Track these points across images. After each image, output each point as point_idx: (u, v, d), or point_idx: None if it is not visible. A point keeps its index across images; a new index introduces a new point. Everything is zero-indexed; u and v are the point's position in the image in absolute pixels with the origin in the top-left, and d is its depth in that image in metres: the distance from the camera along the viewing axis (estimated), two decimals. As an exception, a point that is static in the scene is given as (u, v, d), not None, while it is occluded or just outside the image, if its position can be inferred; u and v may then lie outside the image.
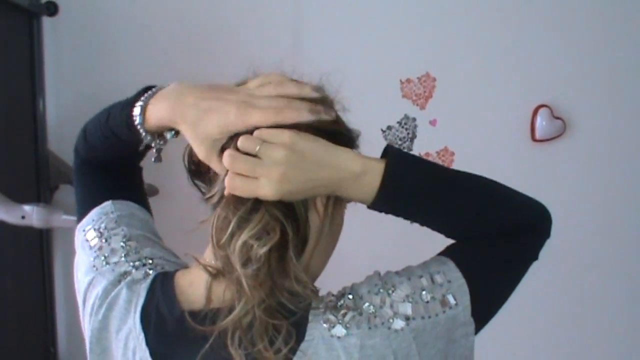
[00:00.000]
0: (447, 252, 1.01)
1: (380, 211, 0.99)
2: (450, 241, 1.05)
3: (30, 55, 2.06)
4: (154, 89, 1.02)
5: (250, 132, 0.91)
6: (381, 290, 0.94)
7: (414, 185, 0.98)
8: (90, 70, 2.16)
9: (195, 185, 1.04)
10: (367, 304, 0.92)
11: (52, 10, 2.09)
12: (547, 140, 2.39)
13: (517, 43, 2.35)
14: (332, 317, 0.91)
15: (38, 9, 2.06)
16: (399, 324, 0.91)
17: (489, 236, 1.00)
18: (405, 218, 1.01)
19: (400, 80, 2.30)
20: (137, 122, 1.00)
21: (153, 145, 1.03)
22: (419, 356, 0.91)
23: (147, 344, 0.96)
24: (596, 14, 2.38)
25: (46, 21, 2.10)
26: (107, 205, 1.12)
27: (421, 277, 0.95)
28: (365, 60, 2.27)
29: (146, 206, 1.20)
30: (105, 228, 1.09)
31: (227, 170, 0.90)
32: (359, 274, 1.03)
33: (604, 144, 2.46)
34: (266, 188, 0.89)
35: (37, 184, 2.09)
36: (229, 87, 0.97)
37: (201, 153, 0.94)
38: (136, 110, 1.00)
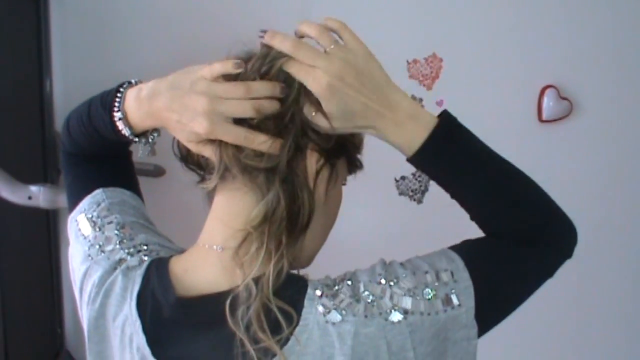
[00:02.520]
0: (458, 250, 0.99)
1: (418, 166, 1.00)
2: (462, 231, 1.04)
3: (37, 37, 2.06)
4: (122, 90, 1.03)
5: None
6: (383, 281, 0.92)
7: (462, 149, 1.00)
8: (97, 51, 2.15)
9: (192, 169, 1.05)
10: (366, 293, 0.91)
11: (59, -9, 2.09)
12: (554, 120, 2.38)
13: (523, 23, 2.34)
14: (328, 302, 0.90)
15: (45, -10, 2.06)
16: (396, 316, 0.89)
17: (511, 235, 0.99)
18: (439, 181, 1.02)
19: (407, 61, 2.29)
20: (124, 132, 1.02)
21: (150, 141, 1.06)
22: (414, 352, 0.89)
23: (144, 330, 0.96)
24: (604, -7, 2.37)
25: (53, 2, 2.10)
26: (98, 193, 1.12)
27: (427, 272, 0.93)
28: (372, 41, 2.23)
29: (137, 192, 1.20)
30: (98, 217, 1.09)
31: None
32: (361, 256, 1.03)
33: (611, 124, 2.45)
34: (319, 78, 0.91)
35: (44, 164, 2.10)
36: (191, 83, 0.94)
37: (191, 148, 0.97)
38: (119, 124, 1.02)
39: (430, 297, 0.91)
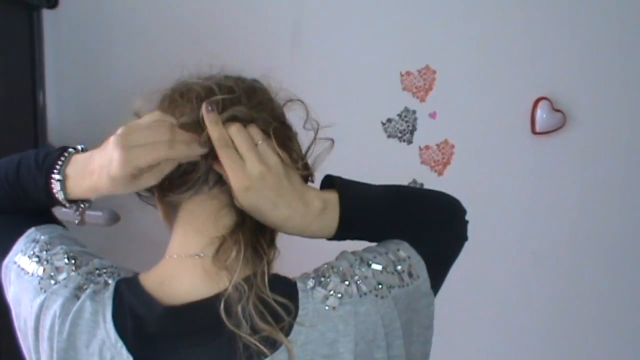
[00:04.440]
0: (397, 237, 1.08)
1: (340, 239, 1.07)
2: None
3: (31, 49, 2.06)
4: (65, 155, 1.03)
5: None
6: (362, 264, 0.99)
7: (366, 205, 1.08)
8: (90, 63, 2.16)
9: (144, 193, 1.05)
10: (355, 277, 0.97)
11: (52, 2, 2.09)
12: (547, 132, 2.39)
13: (517, 35, 2.35)
14: (322, 290, 0.95)
15: (38, 1, 2.06)
16: (384, 292, 0.97)
17: (427, 227, 1.11)
18: (362, 237, 1.09)
19: (400, 73, 2.30)
20: (59, 196, 1.01)
21: (79, 211, 1.05)
22: (399, 321, 0.98)
23: (129, 350, 0.93)
24: (597, 6, 2.38)
25: (46, 14, 2.10)
26: (31, 232, 1.08)
27: (387, 253, 1.02)
28: (365, 53, 2.27)
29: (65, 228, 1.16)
30: (41, 251, 1.04)
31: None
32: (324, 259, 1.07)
33: (604, 136, 2.46)
34: (244, 172, 0.95)
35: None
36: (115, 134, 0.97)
37: (129, 189, 0.97)
38: (56, 187, 1.01)
39: (399, 271, 1.00)
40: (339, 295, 0.95)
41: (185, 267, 0.99)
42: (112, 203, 1.36)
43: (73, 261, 1.03)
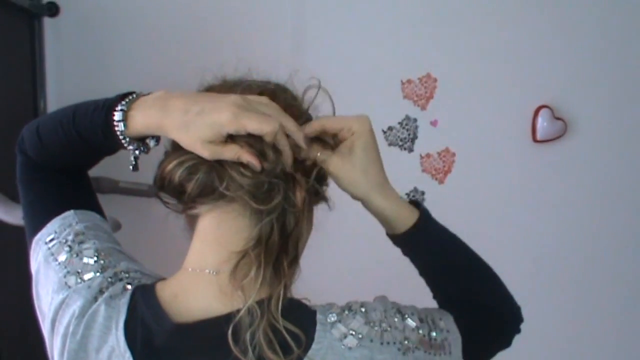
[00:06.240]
0: (445, 309, 1.06)
1: (403, 244, 1.10)
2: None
3: (32, 56, 2.06)
4: (133, 95, 0.98)
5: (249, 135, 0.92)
6: (397, 314, 0.96)
7: (442, 230, 1.11)
8: (91, 71, 2.16)
9: (160, 197, 1.00)
10: (383, 323, 0.93)
11: (53, 10, 2.09)
12: (548, 141, 2.39)
13: (518, 44, 2.35)
14: (343, 328, 0.92)
15: (39, 9, 2.06)
16: (408, 347, 0.93)
17: (487, 315, 1.10)
18: (419, 258, 1.12)
19: (401, 81, 2.30)
20: (118, 129, 0.96)
21: (138, 152, 0.99)
22: None
23: None
24: (597, 14, 2.38)
25: (47, 22, 2.10)
26: (69, 215, 1.06)
27: (427, 317, 0.98)
28: (366, 61, 2.27)
29: (102, 213, 1.14)
30: (73, 241, 1.03)
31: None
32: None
33: (605, 144, 2.46)
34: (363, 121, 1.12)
35: (38, 184, 2.08)
36: (218, 93, 0.96)
37: (206, 151, 0.91)
38: (118, 116, 0.96)
39: (432, 338, 0.96)
40: (360, 337, 0.91)
41: (199, 283, 0.96)
42: (113, 211, 1.34)
43: (102, 262, 1.01)
